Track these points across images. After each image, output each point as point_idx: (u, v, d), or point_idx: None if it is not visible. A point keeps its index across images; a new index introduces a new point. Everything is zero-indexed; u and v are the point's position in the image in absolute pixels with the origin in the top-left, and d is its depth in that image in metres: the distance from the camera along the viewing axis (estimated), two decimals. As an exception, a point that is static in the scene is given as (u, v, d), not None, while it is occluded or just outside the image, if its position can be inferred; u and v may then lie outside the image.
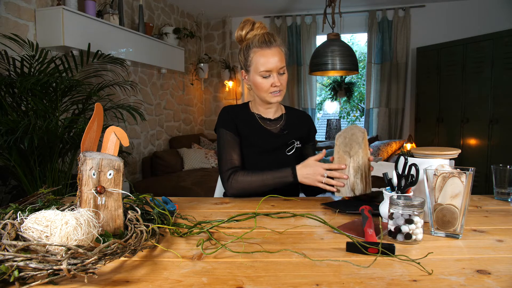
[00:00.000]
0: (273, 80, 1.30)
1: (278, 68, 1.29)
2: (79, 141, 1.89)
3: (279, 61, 1.29)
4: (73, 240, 0.68)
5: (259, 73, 1.30)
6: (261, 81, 1.31)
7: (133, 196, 0.97)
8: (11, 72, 2.10)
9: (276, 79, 1.29)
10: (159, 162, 4.01)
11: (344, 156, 1.14)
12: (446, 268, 0.68)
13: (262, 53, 1.29)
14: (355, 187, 1.11)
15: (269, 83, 1.30)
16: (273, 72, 1.29)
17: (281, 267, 0.68)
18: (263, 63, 1.28)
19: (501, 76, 3.59)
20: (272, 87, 1.30)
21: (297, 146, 1.41)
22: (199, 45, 5.41)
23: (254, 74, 1.32)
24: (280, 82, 1.30)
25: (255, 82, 1.32)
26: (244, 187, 1.26)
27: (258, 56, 1.29)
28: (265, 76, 1.30)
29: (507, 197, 1.21)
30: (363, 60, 6.99)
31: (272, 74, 1.29)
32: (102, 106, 0.86)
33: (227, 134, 1.35)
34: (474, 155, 3.89)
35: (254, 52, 1.30)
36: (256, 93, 1.37)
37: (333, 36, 3.11)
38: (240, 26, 1.35)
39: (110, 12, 3.12)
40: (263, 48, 1.29)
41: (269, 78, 1.30)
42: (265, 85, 1.30)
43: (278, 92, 1.32)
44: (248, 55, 1.32)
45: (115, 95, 3.14)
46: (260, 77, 1.31)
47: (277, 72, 1.30)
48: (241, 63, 1.38)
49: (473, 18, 4.54)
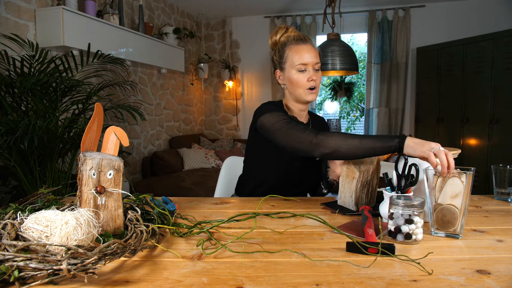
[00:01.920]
0: (309, 74, 1.29)
1: (314, 63, 1.29)
2: (79, 141, 1.89)
3: (314, 56, 1.29)
4: (73, 240, 0.68)
5: (296, 67, 1.29)
6: (297, 76, 1.30)
7: (133, 196, 0.97)
8: (11, 72, 2.10)
9: (312, 73, 1.29)
10: (159, 162, 4.01)
11: (354, 169, 1.11)
12: (446, 268, 0.68)
13: (298, 48, 1.30)
14: (359, 201, 1.10)
15: (306, 77, 1.29)
16: (309, 66, 1.29)
17: (281, 267, 0.68)
18: (299, 57, 1.29)
19: (501, 76, 3.59)
20: (309, 82, 1.29)
21: None
22: (199, 45, 5.41)
23: (290, 69, 1.31)
24: (316, 77, 1.30)
25: (291, 78, 1.31)
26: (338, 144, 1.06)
27: (294, 51, 1.30)
28: (301, 70, 1.29)
29: (507, 197, 1.21)
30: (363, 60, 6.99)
31: (308, 68, 1.29)
32: (102, 106, 0.86)
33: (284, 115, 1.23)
34: (474, 155, 3.89)
35: (290, 49, 1.31)
36: (291, 90, 1.34)
37: (333, 36, 3.11)
38: (274, 31, 1.37)
39: (110, 12, 3.12)
40: (299, 44, 1.30)
41: (305, 73, 1.29)
42: (301, 79, 1.29)
43: (314, 89, 1.31)
44: (284, 52, 1.33)
45: (115, 95, 3.14)
46: (296, 72, 1.30)
47: (312, 67, 1.29)
48: (275, 63, 1.38)
49: (473, 18, 4.54)
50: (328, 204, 1.17)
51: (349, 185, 1.12)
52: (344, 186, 1.14)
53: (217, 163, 4.34)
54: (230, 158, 1.77)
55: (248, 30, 5.31)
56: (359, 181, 1.09)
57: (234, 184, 1.56)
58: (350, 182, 1.12)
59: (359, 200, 1.10)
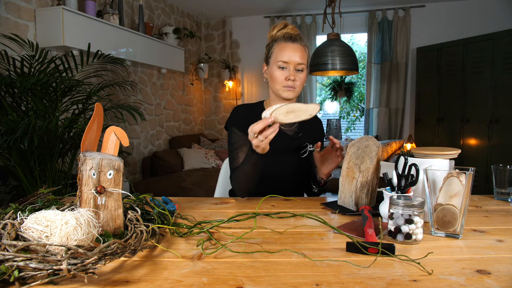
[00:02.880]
0: (288, 73, 1.30)
1: (295, 63, 1.29)
2: (79, 141, 1.89)
3: (299, 56, 1.29)
4: (73, 240, 0.68)
5: (277, 63, 1.30)
6: (277, 72, 1.31)
7: (133, 196, 0.97)
8: (11, 72, 2.10)
9: (292, 72, 1.29)
10: (159, 162, 4.01)
11: (354, 168, 1.11)
12: (446, 268, 0.68)
13: (284, 46, 1.31)
14: (359, 201, 1.10)
15: (284, 75, 1.30)
16: (290, 64, 1.29)
17: (281, 267, 0.68)
18: (282, 54, 1.30)
19: (501, 76, 3.59)
20: (286, 80, 1.30)
21: (310, 149, 1.42)
22: (199, 45, 5.41)
23: (272, 64, 1.33)
24: (295, 78, 1.30)
25: (272, 73, 1.33)
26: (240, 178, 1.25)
27: (280, 48, 1.31)
28: (282, 67, 1.30)
29: (507, 197, 1.21)
30: (363, 60, 6.99)
31: (289, 66, 1.29)
32: (102, 106, 0.86)
33: (237, 133, 1.35)
34: (474, 155, 3.89)
35: (277, 45, 1.32)
36: (271, 85, 1.36)
37: (333, 36, 3.11)
38: (272, 27, 1.38)
39: (110, 12, 3.12)
40: (286, 42, 1.31)
41: (284, 70, 1.30)
42: (280, 77, 1.30)
43: (291, 87, 1.31)
44: (272, 47, 1.34)
45: (115, 95, 3.14)
46: (277, 68, 1.31)
47: (294, 67, 1.30)
48: (264, 57, 1.40)
49: (473, 18, 4.54)
50: (328, 204, 1.17)
51: (349, 185, 1.12)
52: (344, 186, 1.14)
53: (217, 163, 4.34)
54: (230, 158, 1.77)
55: (248, 30, 5.31)
56: (359, 181, 1.09)
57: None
58: (350, 182, 1.12)
59: (359, 200, 1.10)
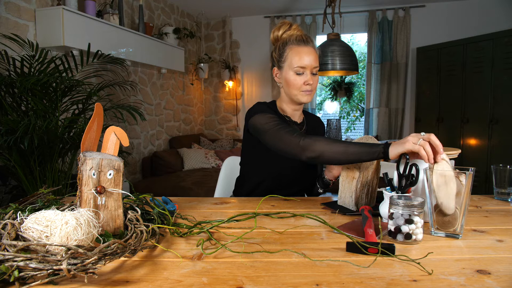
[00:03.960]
0: (306, 78, 1.29)
1: (312, 67, 1.29)
2: (79, 141, 1.89)
3: (314, 60, 1.29)
4: (73, 240, 0.68)
5: (294, 69, 1.29)
6: (294, 77, 1.30)
7: (133, 196, 0.97)
8: (11, 72, 2.10)
9: (309, 77, 1.29)
10: (159, 162, 4.01)
11: (354, 168, 1.11)
12: (446, 268, 0.68)
13: (299, 50, 1.29)
14: (359, 201, 1.10)
15: (302, 80, 1.29)
16: (307, 69, 1.29)
17: (281, 267, 0.68)
18: (298, 59, 1.28)
19: (501, 76, 3.58)
20: (305, 85, 1.29)
21: None
22: (199, 45, 5.41)
23: (288, 70, 1.31)
24: (312, 81, 1.30)
25: (288, 78, 1.31)
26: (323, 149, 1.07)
27: (294, 52, 1.29)
28: (299, 72, 1.29)
29: (507, 197, 1.21)
30: (363, 60, 6.99)
31: (306, 71, 1.29)
32: (102, 106, 0.86)
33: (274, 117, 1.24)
34: (474, 155, 3.89)
35: (291, 49, 1.30)
36: (287, 90, 1.34)
37: (333, 36, 3.11)
38: (277, 26, 1.35)
39: (110, 12, 3.12)
40: (300, 45, 1.29)
41: (302, 76, 1.29)
42: (298, 82, 1.30)
43: (309, 91, 1.31)
44: (284, 51, 1.32)
45: (115, 95, 3.14)
46: (293, 74, 1.30)
47: (310, 71, 1.29)
48: (274, 60, 1.38)
49: (473, 18, 4.54)
50: (328, 204, 1.16)
51: (349, 185, 1.12)
52: (344, 186, 1.14)
53: (217, 163, 4.34)
54: (230, 158, 1.77)
55: (248, 30, 5.31)
56: (359, 181, 1.09)
57: (234, 184, 1.56)
58: (350, 182, 1.12)
59: (359, 200, 1.10)
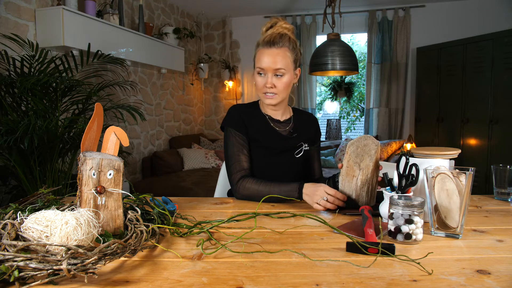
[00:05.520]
0: (265, 79, 1.30)
1: (272, 69, 1.27)
2: (79, 141, 1.89)
3: (273, 62, 1.27)
4: (73, 240, 0.68)
5: (256, 69, 1.32)
6: (257, 79, 1.32)
7: (133, 196, 0.97)
8: (11, 72, 2.10)
9: (269, 79, 1.28)
10: (159, 162, 4.01)
11: (354, 167, 1.11)
12: (446, 268, 0.68)
13: (263, 52, 1.29)
14: (360, 199, 1.10)
15: (263, 82, 1.30)
16: (267, 72, 1.28)
17: (281, 267, 0.68)
18: (259, 61, 1.30)
19: (501, 76, 3.58)
20: (266, 88, 1.30)
21: (305, 148, 1.42)
22: (199, 45, 5.41)
23: (254, 71, 1.34)
24: (273, 84, 1.29)
25: (254, 79, 1.35)
26: (251, 194, 1.25)
27: (259, 54, 1.31)
28: (260, 73, 1.31)
29: (507, 197, 1.21)
30: (363, 60, 6.99)
31: (266, 74, 1.29)
32: (102, 106, 0.86)
33: (236, 134, 1.34)
34: (474, 155, 3.89)
35: (258, 50, 1.32)
36: (256, 90, 1.39)
37: (333, 36, 3.11)
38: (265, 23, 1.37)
39: (110, 12, 3.12)
40: (265, 47, 1.30)
41: (263, 77, 1.30)
42: (259, 83, 1.32)
43: (271, 94, 1.31)
44: (256, 52, 1.34)
45: (115, 95, 3.14)
46: (257, 75, 1.32)
47: (272, 73, 1.28)
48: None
49: (473, 18, 4.54)
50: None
51: (349, 183, 1.12)
52: (344, 185, 1.14)
53: (217, 163, 4.34)
54: (230, 158, 1.77)
55: (248, 30, 5.31)
56: (359, 179, 1.10)
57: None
58: (350, 181, 1.12)
59: (360, 198, 1.10)
